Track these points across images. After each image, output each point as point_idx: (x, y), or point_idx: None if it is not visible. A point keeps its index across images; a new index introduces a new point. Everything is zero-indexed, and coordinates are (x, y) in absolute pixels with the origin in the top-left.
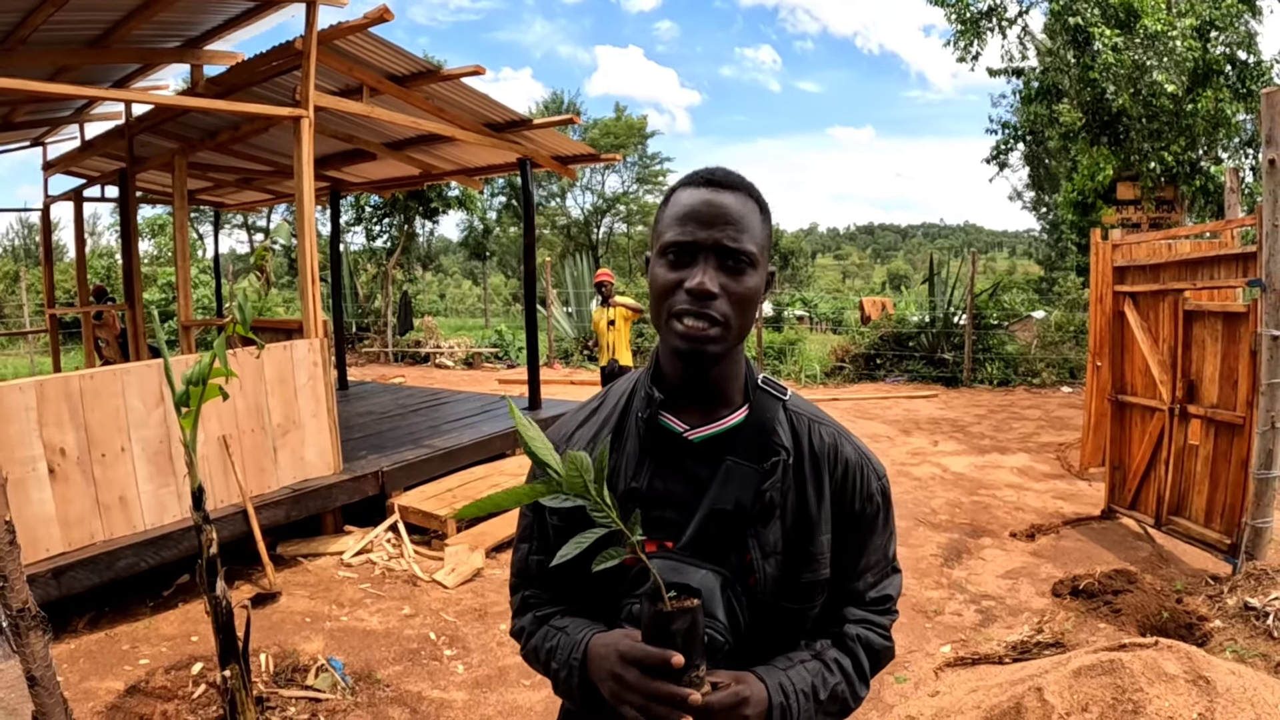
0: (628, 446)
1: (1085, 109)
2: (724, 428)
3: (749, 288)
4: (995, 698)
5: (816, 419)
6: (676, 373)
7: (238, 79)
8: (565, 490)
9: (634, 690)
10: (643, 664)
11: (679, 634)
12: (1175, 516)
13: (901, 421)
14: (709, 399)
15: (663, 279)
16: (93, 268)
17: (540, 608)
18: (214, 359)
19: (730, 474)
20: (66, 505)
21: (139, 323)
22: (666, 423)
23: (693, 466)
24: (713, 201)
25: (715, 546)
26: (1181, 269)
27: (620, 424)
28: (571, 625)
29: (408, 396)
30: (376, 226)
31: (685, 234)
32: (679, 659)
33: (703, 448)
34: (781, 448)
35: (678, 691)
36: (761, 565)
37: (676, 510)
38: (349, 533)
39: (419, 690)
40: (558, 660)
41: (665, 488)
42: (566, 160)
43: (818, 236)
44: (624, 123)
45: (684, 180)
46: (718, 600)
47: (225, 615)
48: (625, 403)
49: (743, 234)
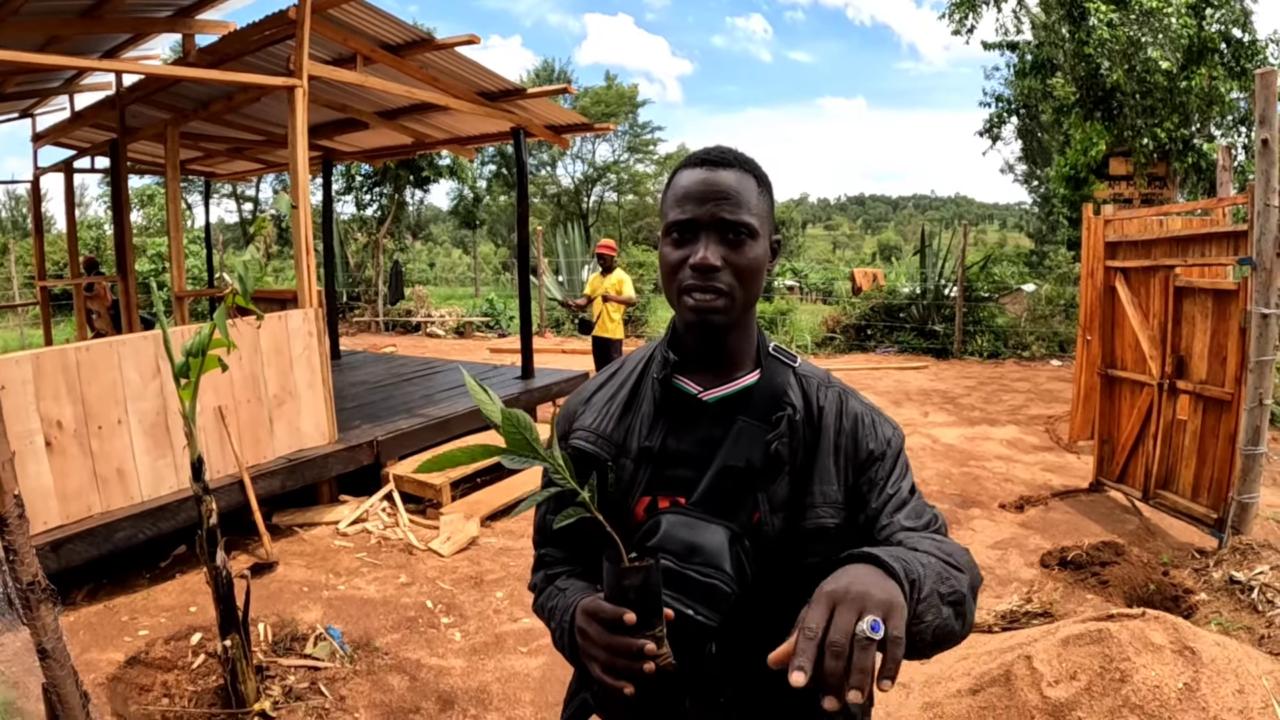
0: (643, 408)
1: (1079, 84)
2: (736, 389)
3: (751, 258)
4: (985, 665)
5: (825, 382)
6: (691, 340)
7: (230, 48)
8: (513, 450)
9: (595, 644)
10: (598, 618)
11: (631, 590)
12: (1163, 490)
13: (892, 393)
14: (722, 364)
15: (669, 257)
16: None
17: (551, 566)
18: (213, 330)
19: (742, 433)
20: (64, 478)
21: (131, 294)
22: (681, 385)
23: (706, 426)
24: (709, 180)
25: (726, 502)
26: (1173, 245)
27: (637, 386)
28: (571, 588)
29: (400, 366)
30: (367, 195)
31: (685, 213)
32: (630, 616)
33: (716, 408)
34: (790, 405)
35: (633, 643)
36: (770, 519)
37: (690, 468)
38: (344, 502)
39: (417, 658)
40: (555, 621)
41: (679, 446)
42: (560, 129)
43: (808, 206)
44: (615, 91)
45: (683, 162)
46: (725, 554)
47: (225, 585)
48: (643, 368)
49: (739, 207)
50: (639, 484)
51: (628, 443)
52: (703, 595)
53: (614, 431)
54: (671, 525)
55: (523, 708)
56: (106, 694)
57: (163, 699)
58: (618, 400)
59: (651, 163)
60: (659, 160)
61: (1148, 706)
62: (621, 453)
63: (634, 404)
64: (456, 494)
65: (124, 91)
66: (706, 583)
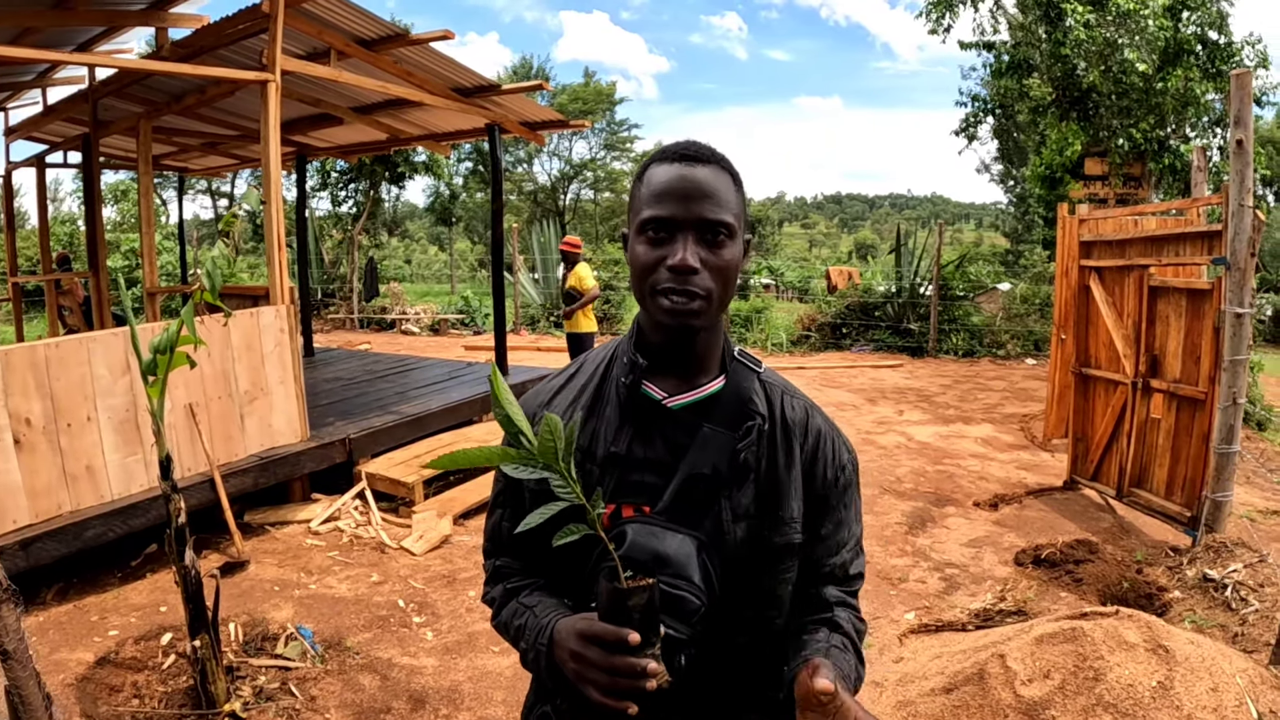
0: (606, 412)
1: (1055, 84)
2: (702, 395)
3: (728, 260)
4: (959, 664)
5: (788, 391)
6: (660, 343)
7: (204, 42)
8: (536, 458)
9: (596, 667)
10: (601, 641)
11: (635, 610)
12: (1137, 488)
13: (867, 390)
14: (689, 368)
15: (644, 257)
16: (55, 234)
17: (511, 578)
18: (181, 327)
19: (707, 440)
20: (33, 476)
21: (103, 290)
22: (646, 390)
23: (671, 433)
24: (687, 176)
25: (692, 510)
26: (1147, 245)
27: (599, 390)
28: (539, 605)
29: (374, 363)
30: (342, 192)
31: (663, 210)
32: (635, 637)
33: (681, 414)
34: (758, 414)
35: (637, 663)
36: (733, 528)
37: (655, 475)
38: (317, 500)
39: (389, 657)
40: (526, 641)
41: (644, 453)
42: (535, 126)
43: (785, 205)
44: (592, 89)
45: (657, 156)
46: (694, 564)
47: (194, 585)
48: (604, 370)
49: (719, 206)
50: (605, 491)
51: (593, 448)
52: (672, 608)
53: (578, 437)
54: (637, 534)
55: (494, 707)
56: (76, 695)
57: (133, 700)
58: (581, 404)
59: (628, 160)
60: (635, 158)
61: (1121, 705)
62: (587, 459)
63: (598, 408)
64: (429, 492)
65: (97, 85)
66: (675, 593)
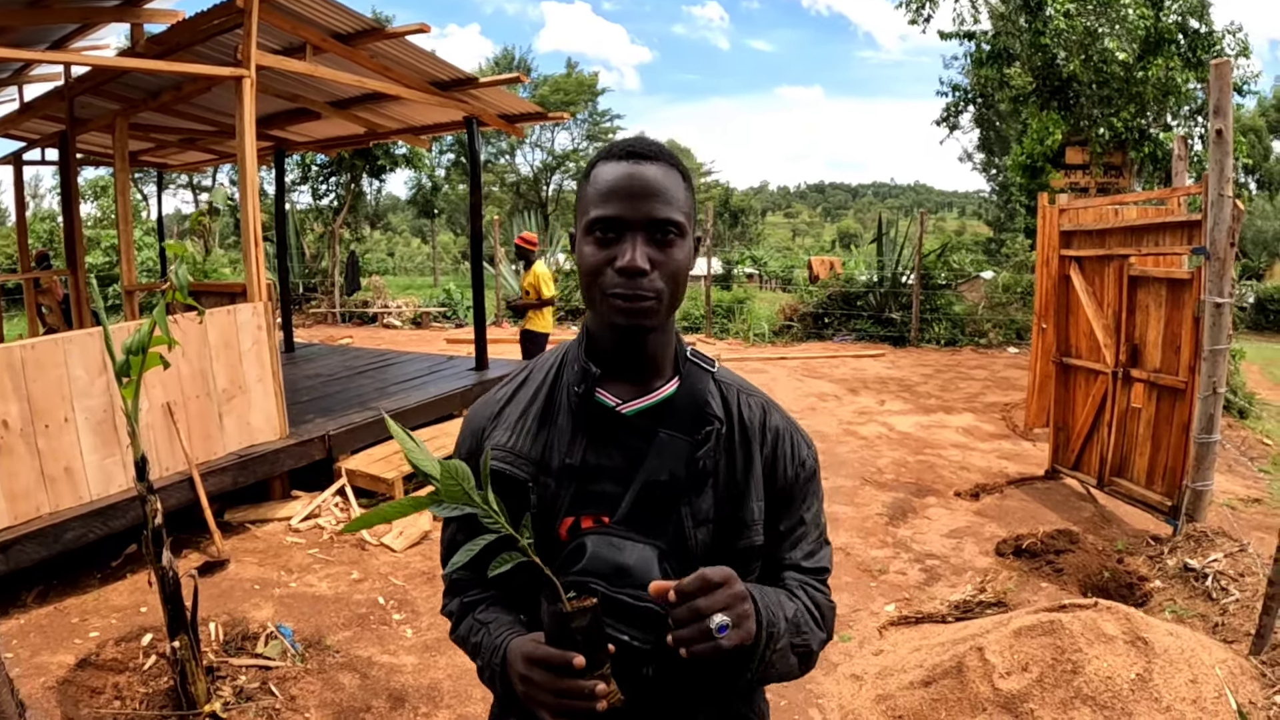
0: (559, 421)
1: (1036, 74)
2: (656, 400)
3: (679, 260)
4: (937, 656)
5: (745, 390)
6: (611, 347)
7: (179, 38)
8: (446, 499)
9: (544, 690)
10: (547, 665)
11: (579, 632)
12: (1117, 478)
13: (849, 380)
14: (642, 372)
15: (592, 258)
16: (34, 232)
17: (467, 592)
18: (153, 326)
19: (664, 446)
20: (11, 479)
21: (82, 288)
22: (599, 397)
23: (627, 440)
24: (635, 174)
25: (651, 519)
26: (1127, 235)
27: (550, 399)
28: (494, 623)
29: (355, 358)
30: (323, 185)
31: (610, 210)
32: (580, 660)
33: (636, 421)
34: (715, 417)
35: (585, 685)
36: (694, 533)
37: (613, 484)
38: (296, 498)
39: (369, 655)
40: (482, 659)
41: (600, 462)
42: (514, 119)
43: (768, 194)
44: (574, 79)
45: (604, 154)
46: (655, 574)
47: (172, 586)
48: (554, 376)
49: (669, 205)
50: (562, 504)
51: (547, 460)
52: (636, 619)
53: (531, 449)
54: (597, 546)
55: (474, 704)
56: (57, 698)
57: (114, 701)
58: (532, 414)
59: None
60: None
61: (1100, 698)
62: (542, 471)
63: (549, 417)
64: (409, 488)
65: (73, 82)
66: (639, 606)
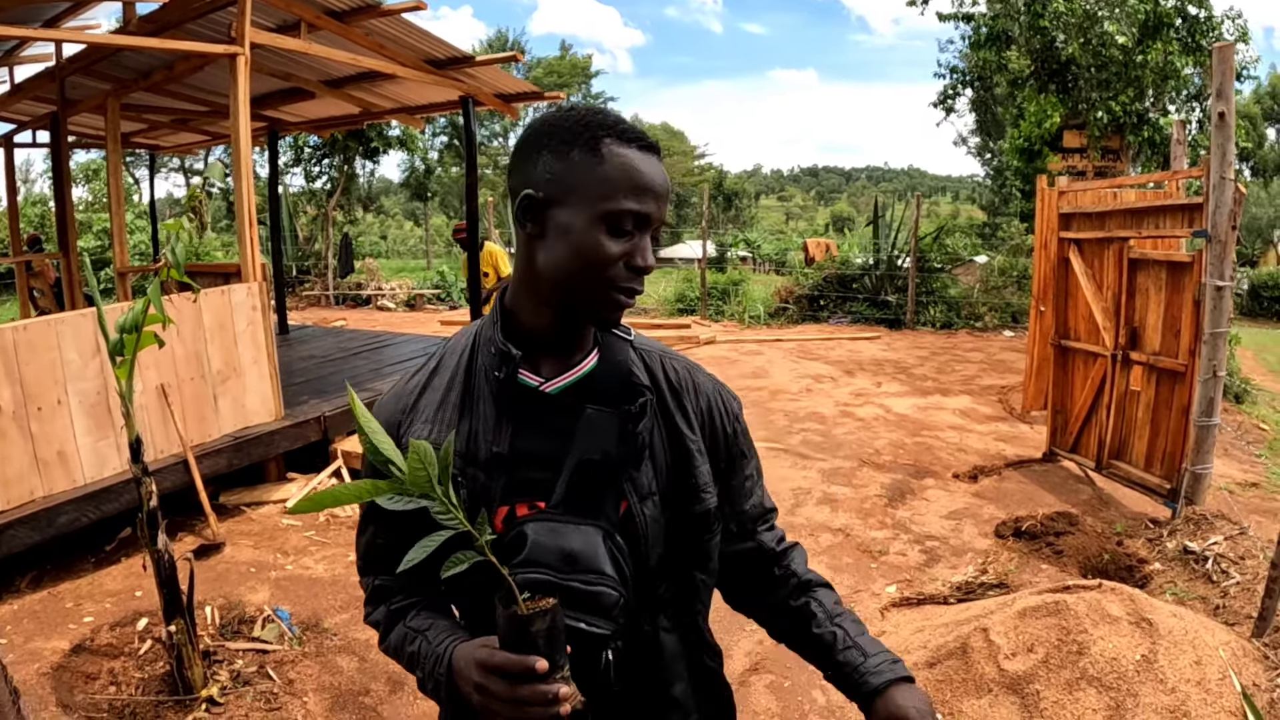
0: (481, 409)
1: (1034, 56)
2: (580, 374)
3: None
4: (941, 638)
5: (665, 354)
6: (547, 327)
7: (171, 15)
8: (409, 488)
9: (502, 699)
10: (504, 672)
11: (539, 636)
12: (1116, 460)
13: (845, 362)
14: (570, 348)
15: (608, 248)
16: (26, 216)
17: (393, 598)
18: (148, 305)
19: (593, 422)
20: (4, 463)
21: (74, 271)
22: (522, 378)
23: (555, 420)
24: (658, 172)
25: (590, 499)
26: (1127, 217)
27: (467, 385)
28: (431, 629)
29: (349, 340)
30: (316, 167)
31: (645, 206)
32: (543, 664)
33: (562, 399)
34: (644, 387)
35: (547, 690)
36: (639, 508)
37: (544, 468)
38: (292, 480)
39: (367, 638)
40: (423, 670)
41: (529, 446)
42: (509, 98)
43: (761, 178)
44: (568, 62)
45: (616, 135)
46: (602, 555)
47: (168, 569)
48: (468, 361)
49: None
50: (494, 494)
51: (473, 451)
52: (590, 605)
53: (456, 440)
54: (539, 534)
55: None
56: (52, 684)
57: (110, 687)
58: (450, 404)
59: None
60: None
61: (1105, 678)
62: (469, 463)
63: (468, 405)
64: None
65: (64, 63)
66: (591, 591)
